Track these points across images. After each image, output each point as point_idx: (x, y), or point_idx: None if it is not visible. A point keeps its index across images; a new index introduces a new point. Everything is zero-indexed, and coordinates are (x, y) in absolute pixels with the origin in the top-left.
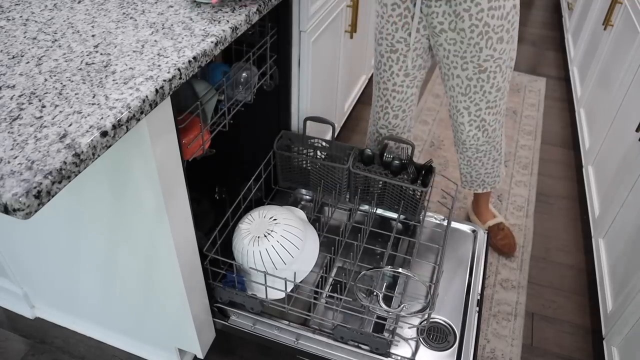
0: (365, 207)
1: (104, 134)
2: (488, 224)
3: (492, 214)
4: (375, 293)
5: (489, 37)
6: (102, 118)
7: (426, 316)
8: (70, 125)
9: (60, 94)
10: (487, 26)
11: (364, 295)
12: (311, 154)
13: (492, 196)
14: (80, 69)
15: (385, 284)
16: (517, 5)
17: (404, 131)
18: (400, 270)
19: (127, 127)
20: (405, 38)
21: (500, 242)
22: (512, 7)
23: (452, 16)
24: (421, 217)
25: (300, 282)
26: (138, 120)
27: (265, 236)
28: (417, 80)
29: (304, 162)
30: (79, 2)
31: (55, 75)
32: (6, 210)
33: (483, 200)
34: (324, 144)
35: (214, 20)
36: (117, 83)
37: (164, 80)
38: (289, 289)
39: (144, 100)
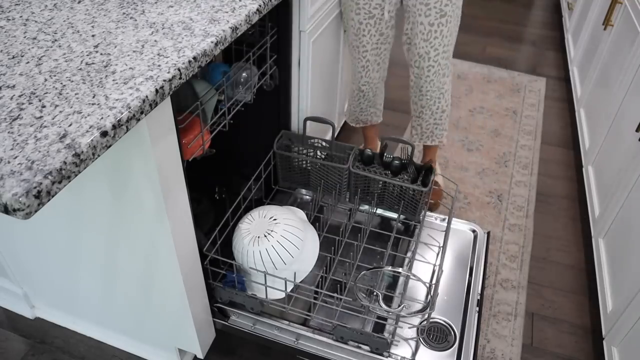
0: (365, 207)
1: (104, 134)
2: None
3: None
4: (375, 293)
5: None
6: (102, 118)
7: (426, 316)
8: (70, 125)
9: (60, 94)
10: None
11: (364, 295)
12: (311, 154)
13: (437, 159)
14: (80, 69)
15: (385, 284)
16: None
17: (380, 82)
18: (400, 270)
19: (127, 127)
20: (380, 3)
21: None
22: None
23: None
24: (421, 217)
25: (300, 282)
26: (138, 120)
27: (265, 236)
28: (389, 37)
29: (304, 162)
30: (79, 2)
31: (55, 75)
32: (6, 210)
33: (430, 156)
34: (324, 144)
35: (214, 20)
36: (117, 83)
37: (164, 80)
38: (289, 289)
39: (144, 100)
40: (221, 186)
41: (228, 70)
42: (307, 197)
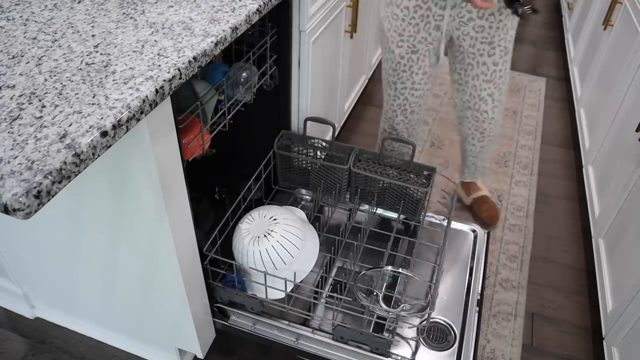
0: (365, 207)
1: (104, 134)
2: (473, 196)
3: (477, 186)
4: (375, 293)
5: (513, 17)
6: (102, 118)
7: (426, 316)
8: (70, 125)
9: (60, 94)
10: None
11: (364, 295)
12: (311, 154)
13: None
14: (80, 69)
15: (385, 284)
16: None
17: (418, 124)
18: (400, 270)
19: (127, 127)
20: (426, 37)
21: (484, 214)
22: None
23: None
24: (421, 217)
25: (300, 282)
26: (138, 120)
27: (265, 236)
28: (431, 76)
29: (304, 162)
30: (79, 2)
31: (55, 75)
32: (6, 210)
33: (475, 188)
34: (324, 144)
35: (214, 20)
36: (117, 83)
37: (164, 80)
38: (289, 289)
39: (144, 100)
40: (221, 186)
41: (228, 70)
42: (307, 197)
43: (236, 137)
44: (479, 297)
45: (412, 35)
